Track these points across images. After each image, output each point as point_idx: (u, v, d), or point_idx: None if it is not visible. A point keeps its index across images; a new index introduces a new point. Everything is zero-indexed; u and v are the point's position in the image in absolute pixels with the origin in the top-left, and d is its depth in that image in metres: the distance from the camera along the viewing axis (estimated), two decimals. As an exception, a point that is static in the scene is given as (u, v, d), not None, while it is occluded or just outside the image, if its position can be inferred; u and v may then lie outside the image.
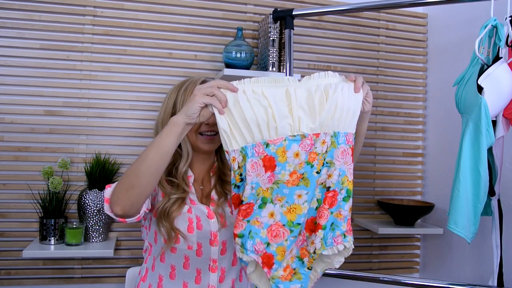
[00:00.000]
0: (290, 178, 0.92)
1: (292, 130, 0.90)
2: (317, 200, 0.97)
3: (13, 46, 1.66)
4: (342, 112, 0.92)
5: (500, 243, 1.31)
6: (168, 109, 1.15)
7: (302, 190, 0.94)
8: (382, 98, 2.03)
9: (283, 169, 0.92)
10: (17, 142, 1.66)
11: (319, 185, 0.96)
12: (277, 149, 0.91)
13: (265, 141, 0.90)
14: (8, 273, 1.66)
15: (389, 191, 2.05)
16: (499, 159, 1.28)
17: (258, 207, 0.93)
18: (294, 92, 0.90)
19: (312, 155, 0.93)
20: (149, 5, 1.77)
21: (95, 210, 1.60)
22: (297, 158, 0.92)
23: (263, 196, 0.93)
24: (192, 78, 1.18)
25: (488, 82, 1.16)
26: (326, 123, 0.91)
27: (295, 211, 0.94)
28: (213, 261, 1.14)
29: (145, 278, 1.20)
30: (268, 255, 0.93)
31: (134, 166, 0.93)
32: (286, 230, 0.94)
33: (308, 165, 0.93)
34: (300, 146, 0.91)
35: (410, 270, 2.09)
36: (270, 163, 0.91)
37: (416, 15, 2.07)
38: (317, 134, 0.92)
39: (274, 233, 0.93)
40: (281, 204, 0.94)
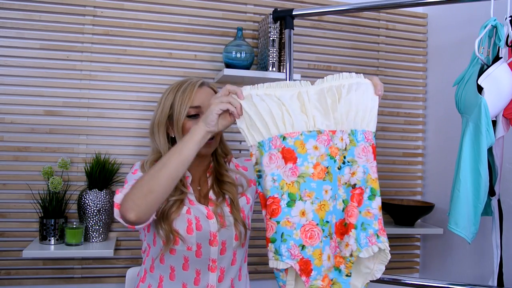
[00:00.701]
0: (315, 171, 0.89)
1: (308, 126, 0.90)
2: (343, 201, 0.93)
3: (13, 46, 1.66)
4: (357, 111, 0.93)
5: (500, 243, 1.31)
6: (165, 110, 1.15)
7: (328, 185, 0.90)
8: (382, 98, 2.01)
9: (305, 160, 0.89)
10: (17, 142, 1.66)
11: (342, 184, 0.94)
12: (294, 141, 0.89)
13: (282, 135, 0.89)
14: (8, 273, 1.66)
15: (389, 191, 2.05)
16: (499, 159, 1.28)
17: (287, 205, 0.87)
18: (306, 94, 0.90)
19: (334, 149, 0.91)
20: (149, 5, 1.77)
21: (95, 210, 1.60)
22: (317, 151, 0.90)
23: (289, 192, 0.88)
24: (190, 79, 1.17)
25: (488, 82, 1.16)
26: (341, 122, 0.91)
27: (324, 208, 0.89)
28: (212, 261, 1.13)
29: (144, 279, 1.20)
30: (305, 260, 0.87)
31: (154, 172, 0.94)
32: (320, 230, 0.88)
33: (331, 159, 0.91)
34: (317, 140, 0.90)
35: (410, 270, 2.09)
36: (290, 155, 0.88)
37: (416, 15, 2.07)
38: (333, 131, 0.92)
39: (308, 234, 0.87)
40: (311, 201, 0.88)
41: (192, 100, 1.12)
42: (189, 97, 1.12)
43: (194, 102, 1.12)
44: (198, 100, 1.13)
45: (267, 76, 1.69)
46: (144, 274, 1.20)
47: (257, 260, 1.85)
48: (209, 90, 1.17)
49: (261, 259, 1.86)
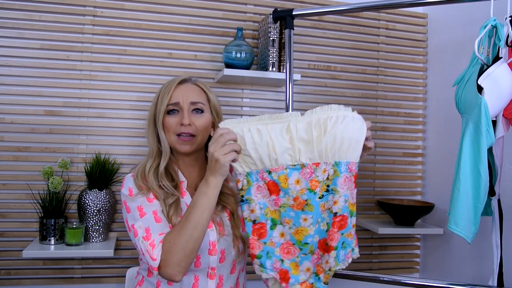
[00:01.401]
0: (294, 203, 1.00)
1: (292, 160, 0.97)
2: (326, 224, 1.03)
3: (13, 46, 1.66)
4: (342, 144, 0.97)
5: (500, 243, 1.31)
6: (152, 109, 1.17)
7: (307, 214, 1.00)
8: (382, 98, 2.03)
9: (287, 194, 0.99)
10: (17, 142, 1.67)
11: (326, 209, 1.02)
12: (278, 176, 0.98)
13: (268, 169, 0.98)
14: (8, 273, 1.66)
15: (389, 191, 2.05)
16: (499, 159, 1.28)
17: (270, 228, 1.02)
18: (295, 127, 0.96)
19: (314, 183, 0.99)
20: (149, 5, 1.77)
21: (95, 210, 1.60)
22: (298, 185, 0.99)
23: (272, 218, 1.02)
24: (174, 78, 1.19)
25: (488, 82, 1.16)
26: (325, 154, 0.97)
27: (302, 233, 1.02)
28: (211, 268, 1.13)
29: (142, 282, 1.19)
30: (283, 270, 1.03)
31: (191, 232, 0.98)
32: (296, 249, 1.04)
33: (311, 192, 1.00)
34: (300, 174, 0.98)
35: (410, 270, 2.09)
36: (274, 188, 0.99)
37: (416, 15, 2.07)
38: (317, 164, 0.98)
39: (286, 250, 1.03)
40: (289, 226, 1.02)
41: (170, 97, 1.13)
42: (168, 94, 1.13)
43: (172, 98, 1.13)
44: (176, 96, 1.13)
45: (267, 76, 1.69)
46: (141, 278, 1.20)
47: (257, 260, 1.85)
48: (192, 86, 1.17)
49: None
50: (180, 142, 1.13)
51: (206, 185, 0.98)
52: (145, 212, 1.07)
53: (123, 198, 1.12)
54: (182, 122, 1.12)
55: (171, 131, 1.13)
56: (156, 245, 1.01)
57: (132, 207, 1.09)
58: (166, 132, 1.14)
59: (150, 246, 1.01)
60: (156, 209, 1.08)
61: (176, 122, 1.13)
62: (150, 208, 1.08)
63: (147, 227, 1.04)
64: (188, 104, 1.14)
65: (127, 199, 1.10)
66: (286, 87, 1.47)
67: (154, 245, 1.01)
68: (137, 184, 1.11)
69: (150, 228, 1.04)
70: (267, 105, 1.90)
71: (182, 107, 1.13)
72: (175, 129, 1.13)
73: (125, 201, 1.11)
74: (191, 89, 1.16)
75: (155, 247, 1.00)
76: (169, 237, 1.01)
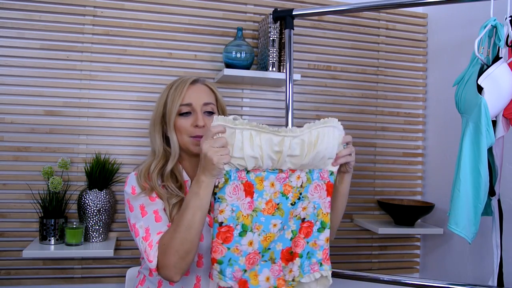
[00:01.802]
0: (266, 207, 0.98)
1: (274, 165, 0.97)
2: (291, 231, 1.02)
3: (13, 46, 1.66)
4: (320, 157, 0.99)
5: (500, 243, 1.31)
6: (159, 109, 1.14)
7: (277, 219, 0.99)
8: (382, 98, 2.03)
9: (260, 196, 0.98)
10: (17, 142, 1.67)
11: (293, 217, 1.02)
12: (255, 177, 0.97)
13: (247, 169, 0.96)
14: (8, 273, 1.66)
15: (389, 191, 2.05)
16: (499, 159, 1.28)
17: (239, 235, 0.96)
18: (289, 143, 0.95)
19: (287, 187, 0.99)
20: (149, 5, 1.77)
21: (95, 210, 1.60)
22: (272, 188, 0.99)
23: (243, 223, 0.96)
24: (184, 77, 1.16)
25: (488, 82, 1.16)
26: (306, 165, 0.99)
27: (270, 239, 0.99)
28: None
29: (143, 282, 1.19)
30: (243, 280, 0.98)
31: (184, 234, 0.95)
32: (260, 256, 0.99)
33: (283, 197, 1.00)
34: (276, 177, 0.98)
35: (410, 270, 2.09)
36: (250, 189, 0.97)
37: (416, 15, 2.07)
38: (293, 170, 0.99)
39: (251, 261, 0.98)
40: (258, 233, 0.98)
41: (183, 98, 1.11)
42: (179, 95, 1.11)
43: (184, 99, 1.11)
44: (189, 97, 1.12)
45: (267, 76, 1.69)
46: (143, 277, 1.19)
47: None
48: (202, 87, 1.16)
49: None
50: (196, 142, 1.11)
51: (198, 185, 0.95)
52: (147, 211, 1.06)
53: (126, 196, 1.11)
54: (197, 124, 1.10)
55: (184, 132, 1.11)
56: (153, 246, 1.00)
57: (135, 206, 1.08)
58: (179, 134, 1.12)
59: (148, 247, 1.00)
60: (157, 208, 1.07)
61: (190, 124, 1.11)
62: (151, 207, 1.07)
63: (147, 227, 1.04)
64: (201, 105, 1.12)
65: (130, 197, 1.09)
66: (286, 87, 1.47)
67: (151, 246, 1.00)
68: (140, 184, 1.10)
69: (150, 228, 1.04)
70: (267, 105, 1.90)
71: (195, 109, 1.11)
72: (189, 131, 1.11)
73: (128, 200, 1.10)
74: (202, 90, 1.15)
75: (152, 248, 1.00)
76: (163, 239, 1.00)
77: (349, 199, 1.94)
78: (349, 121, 1.98)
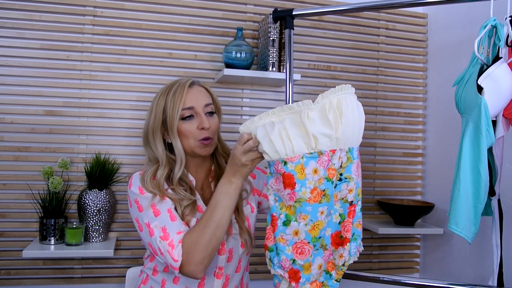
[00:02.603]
0: (311, 195, 0.93)
1: (309, 147, 0.91)
2: (339, 215, 1.00)
3: (13, 46, 1.66)
4: (354, 127, 0.94)
5: (500, 243, 1.31)
6: (158, 115, 1.11)
7: (324, 206, 0.95)
8: (382, 98, 2.03)
9: (303, 186, 0.93)
10: (17, 142, 1.67)
11: (339, 200, 0.99)
12: (295, 166, 0.92)
13: (283, 159, 0.92)
14: (8, 273, 1.66)
15: (389, 191, 2.05)
16: (499, 159, 1.28)
17: (283, 224, 0.96)
18: (306, 116, 0.91)
19: (331, 171, 0.94)
20: (149, 5, 1.77)
21: (95, 210, 1.60)
22: (316, 175, 0.93)
23: (286, 213, 0.95)
24: (179, 81, 1.13)
25: (488, 82, 1.16)
26: (343, 140, 0.93)
27: (318, 227, 0.96)
28: (219, 268, 1.13)
29: (146, 281, 1.18)
30: (294, 270, 0.97)
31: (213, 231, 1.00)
32: (311, 247, 0.97)
33: (328, 182, 0.94)
34: (318, 162, 0.92)
35: (410, 270, 2.09)
36: (290, 181, 0.93)
37: (416, 15, 2.07)
38: (334, 151, 0.93)
39: (299, 251, 0.96)
40: (305, 223, 0.95)
41: (184, 102, 1.09)
42: (180, 99, 1.08)
43: (186, 103, 1.09)
44: (190, 100, 1.10)
45: (267, 76, 1.69)
46: (146, 276, 1.19)
47: (257, 260, 1.85)
48: (200, 89, 1.15)
49: (261, 259, 1.86)
50: (202, 145, 1.11)
51: (229, 185, 1.01)
52: (159, 210, 1.05)
53: (134, 196, 1.08)
54: (203, 126, 1.08)
55: (190, 136, 1.09)
56: (175, 246, 1.00)
57: (145, 205, 1.06)
58: (184, 139, 1.10)
59: (169, 246, 1.00)
60: (169, 207, 1.06)
61: (195, 127, 1.09)
62: (164, 207, 1.06)
63: (164, 227, 1.03)
64: (202, 107, 1.11)
65: (139, 197, 1.07)
66: (286, 87, 1.47)
67: (173, 246, 1.00)
68: (147, 189, 1.07)
69: (167, 227, 1.03)
70: (267, 105, 1.90)
71: (197, 112, 1.10)
72: (195, 134, 1.09)
73: (137, 200, 1.07)
74: (201, 92, 1.14)
75: (175, 248, 1.00)
76: (191, 237, 1.01)
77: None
78: (349, 121, 1.98)
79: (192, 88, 1.12)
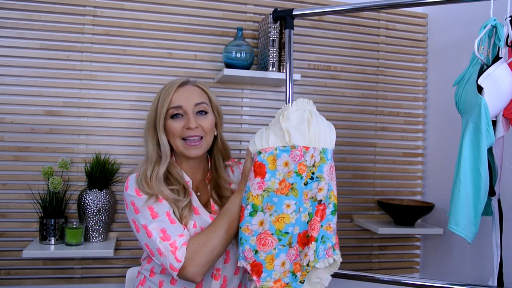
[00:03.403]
0: (279, 186, 0.98)
1: (283, 141, 0.98)
2: (308, 214, 1.02)
3: (13, 46, 1.66)
4: (325, 130, 1.02)
5: (500, 243, 1.31)
6: (151, 113, 1.14)
7: (291, 200, 0.99)
8: (382, 98, 2.03)
9: (273, 176, 0.98)
10: (17, 142, 1.66)
11: (309, 198, 1.02)
12: (267, 156, 0.98)
13: (258, 150, 1.00)
14: (8, 273, 1.66)
15: (389, 191, 2.05)
16: (499, 159, 1.28)
17: (249, 215, 0.99)
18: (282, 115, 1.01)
19: (302, 167, 0.99)
20: (149, 5, 1.77)
21: (95, 210, 1.60)
22: (286, 167, 0.98)
23: (253, 203, 0.99)
24: (173, 81, 1.16)
25: (488, 82, 1.16)
26: (315, 137, 0.99)
27: (283, 220, 0.99)
28: (216, 269, 1.13)
29: (144, 282, 1.19)
30: (257, 263, 0.99)
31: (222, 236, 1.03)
32: (275, 239, 0.99)
33: (298, 176, 0.99)
34: (290, 156, 0.98)
35: (410, 270, 2.09)
36: (261, 170, 0.98)
37: (416, 15, 2.07)
38: (307, 148, 0.99)
39: (262, 242, 0.99)
40: (270, 213, 0.98)
41: (172, 100, 1.10)
42: (167, 98, 1.10)
43: (173, 102, 1.11)
44: (179, 100, 1.11)
45: (267, 76, 1.69)
46: (143, 278, 1.19)
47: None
48: (192, 88, 1.15)
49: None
50: (188, 147, 1.11)
51: (240, 197, 1.04)
52: (157, 212, 1.05)
53: (130, 198, 1.08)
54: (189, 126, 1.09)
55: (176, 135, 1.11)
56: (179, 247, 1.01)
57: (141, 208, 1.06)
58: (171, 137, 1.11)
59: (171, 247, 1.00)
60: (167, 210, 1.06)
61: (182, 126, 1.10)
62: (162, 209, 1.06)
63: (163, 228, 1.03)
64: (192, 106, 1.12)
65: (135, 199, 1.07)
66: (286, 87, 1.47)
67: (176, 247, 1.00)
68: (143, 190, 1.08)
69: (167, 229, 1.03)
70: (267, 105, 1.90)
71: (186, 111, 1.11)
72: (180, 133, 1.10)
73: (133, 202, 1.08)
74: (193, 91, 1.14)
75: (178, 249, 1.00)
76: (198, 239, 1.03)
77: (349, 199, 1.98)
78: (349, 121, 1.98)
79: (183, 87, 1.14)
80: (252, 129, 1.87)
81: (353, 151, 1.98)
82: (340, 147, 1.94)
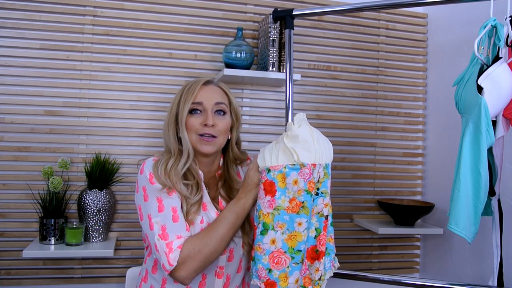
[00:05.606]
0: (289, 205, 0.98)
1: (292, 160, 0.98)
2: (315, 229, 1.03)
3: (13, 46, 1.66)
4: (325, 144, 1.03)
5: (500, 243, 1.31)
6: (173, 109, 1.15)
7: (302, 218, 0.99)
8: (382, 98, 2.03)
9: (283, 194, 0.98)
10: (17, 142, 1.67)
11: (315, 214, 1.02)
12: (277, 174, 0.98)
13: (268, 167, 0.99)
14: (8, 273, 1.66)
15: (389, 191, 2.05)
16: (499, 159, 1.28)
17: (260, 233, 0.99)
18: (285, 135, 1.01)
19: (311, 184, 0.99)
20: (149, 5, 1.77)
21: (95, 210, 1.60)
22: (295, 185, 0.98)
23: (264, 222, 0.98)
24: (197, 78, 1.18)
25: (488, 82, 1.16)
26: (320, 153, 1.00)
27: (296, 238, 0.98)
28: (220, 267, 1.13)
29: (146, 279, 1.18)
30: (271, 281, 0.98)
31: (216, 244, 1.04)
32: (288, 257, 0.99)
33: (308, 194, 0.99)
34: (299, 174, 0.98)
35: (410, 270, 2.09)
36: (271, 188, 0.98)
37: (416, 15, 2.07)
38: (314, 165, 0.99)
39: (276, 260, 0.98)
40: (282, 231, 0.98)
41: (195, 97, 1.12)
42: (192, 94, 1.12)
43: (196, 98, 1.12)
44: (201, 96, 1.12)
45: (267, 76, 1.69)
46: (145, 274, 1.19)
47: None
48: (215, 88, 1.17)
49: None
50: (202, 142, 1.12)
51: (237, 205, 1.06)
52: (164, 205, 1.05)
53: (143, 184, 1.08)
54: (206, 122, 1.10)
55: (193, 130, 1.11)
56: (173, 250, 1.01)
57: (151, 197, 1.06)
58: (189, 133, 1.12)
59: (167, 248, 1.01)
60: (175, 205, 1.06)
61: (199, 122, 1.11)
62: (169, 202, 1.06)
63: (164, 225, 1.04)
64: (212, 105, 1.13)
65: (148, 186, 1.07)
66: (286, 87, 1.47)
67: (171, 249, 1.01)
68: (158, 178, 1.07)
69: (167, 227, 1.04)
70: (267, 105, 1.90)
71: (205, 108, 1.12)
72: (197, 129, 1.11)
73: (145, 188, 1.07)
74: (215, 91, 1.16)
75: (172, 252, 1.00)
76: (193, 244, 1.03)
77: (349, 199, 1.98)
78: (349, 121, 1.98)
79: (207, 86, 1.16)
80: (252, 129, 1.87)
81: (353, 151, 1.98)
82: (340, 147, 1.95)
